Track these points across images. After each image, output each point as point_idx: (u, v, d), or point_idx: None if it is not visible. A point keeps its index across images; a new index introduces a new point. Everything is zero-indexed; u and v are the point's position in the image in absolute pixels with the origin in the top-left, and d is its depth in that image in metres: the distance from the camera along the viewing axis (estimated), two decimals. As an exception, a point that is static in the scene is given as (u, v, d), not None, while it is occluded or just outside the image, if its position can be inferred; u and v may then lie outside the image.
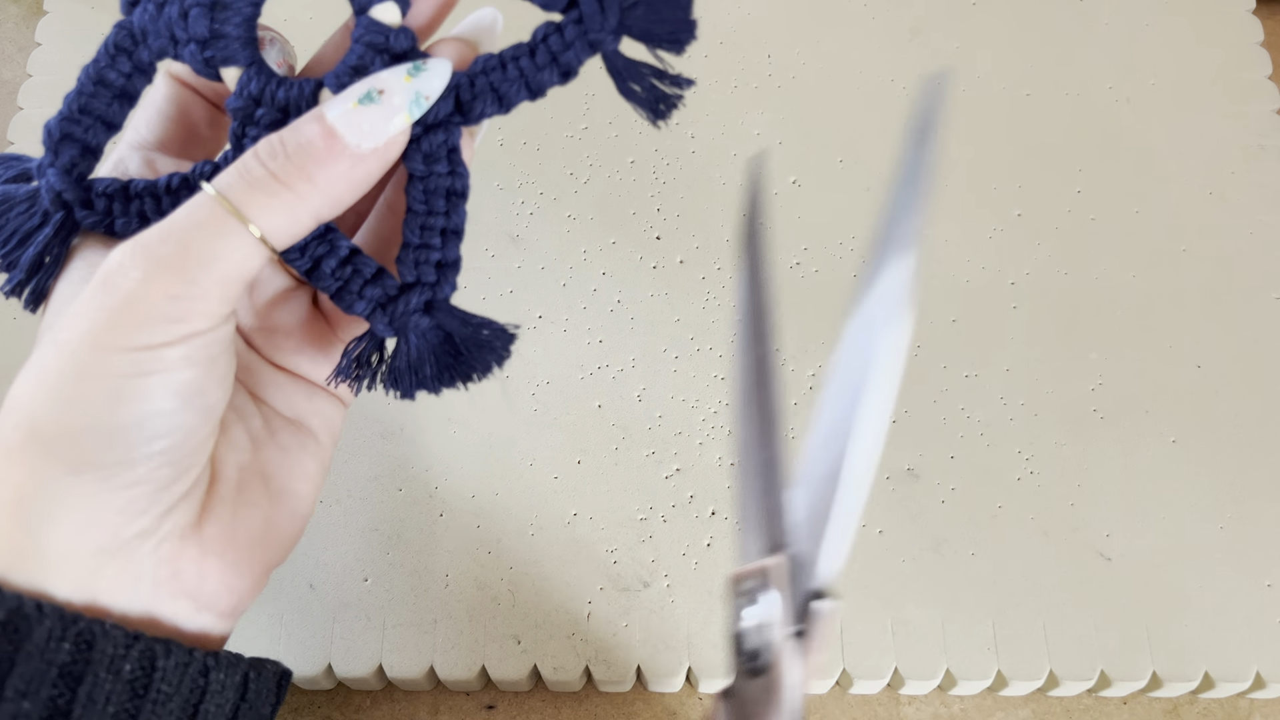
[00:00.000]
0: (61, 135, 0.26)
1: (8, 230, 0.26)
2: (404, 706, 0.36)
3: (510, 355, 0.26)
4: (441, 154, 0.25)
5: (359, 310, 0.25)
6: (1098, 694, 0.36)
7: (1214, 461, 0.38)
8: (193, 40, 0.25)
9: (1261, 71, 0.46)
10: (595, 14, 0.24)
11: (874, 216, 0.43)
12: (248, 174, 0.23)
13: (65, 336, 0.22)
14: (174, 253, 0.22)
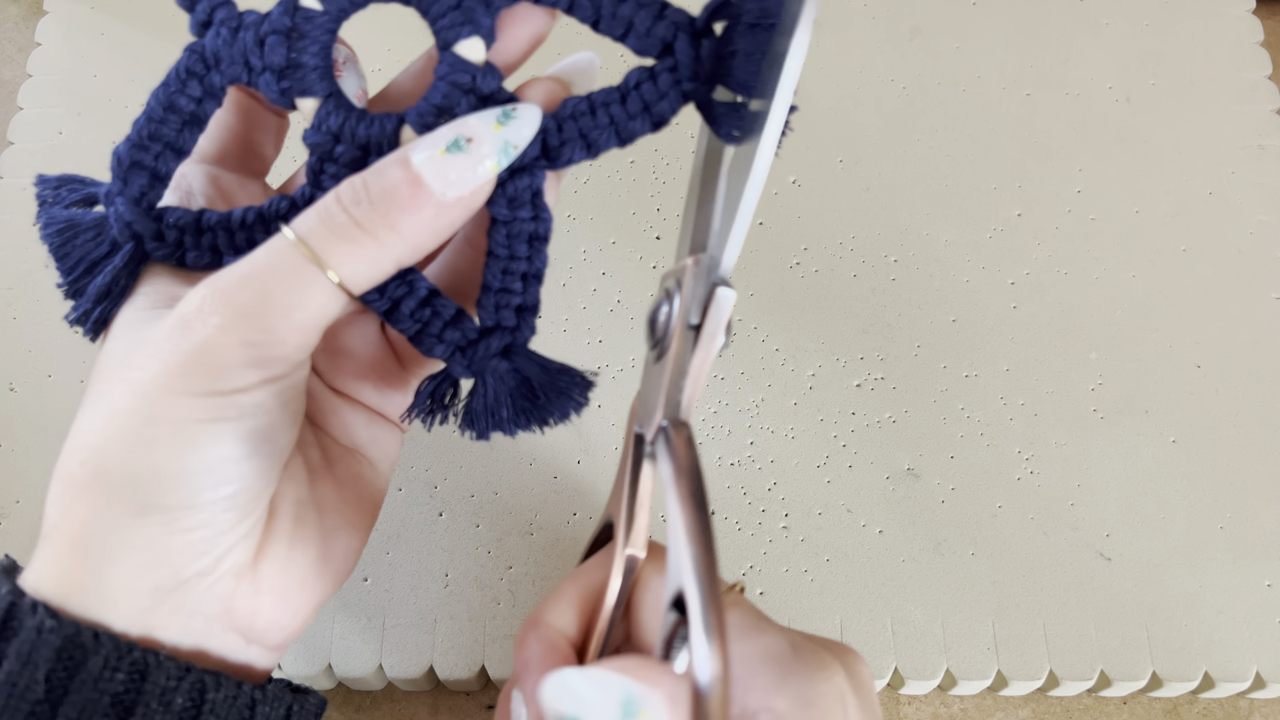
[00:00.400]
0: (131, 163, 0.25)
1: (74, 258, 0.26)
2: (404, 706, 0.36)
3: (588, 402, 0.25)
4: (526, 198, 0.24)
5: (438, 354, 0.24)
6: (1098, 694, 0.36)
7: (1214, 461, 0.38)
8: (268, 69, 0.24)
9: (1261, 71, 0.46)
10: (690, 62, 0.23)
11: (873, 213, 0.43)
12: (330, 219, 0.22)
13: (138, 376, 0.22)
14: (253, 300, 0.22)
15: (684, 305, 0.23)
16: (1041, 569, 0.36)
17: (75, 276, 0.25)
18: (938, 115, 0.45)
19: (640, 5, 0.24)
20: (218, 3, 0.25)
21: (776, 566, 0.36)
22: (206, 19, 0.25)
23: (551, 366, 0.25)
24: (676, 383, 0.23)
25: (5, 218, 0.43)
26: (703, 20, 0.23)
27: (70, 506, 0.22)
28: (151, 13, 0.48)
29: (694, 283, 0.23)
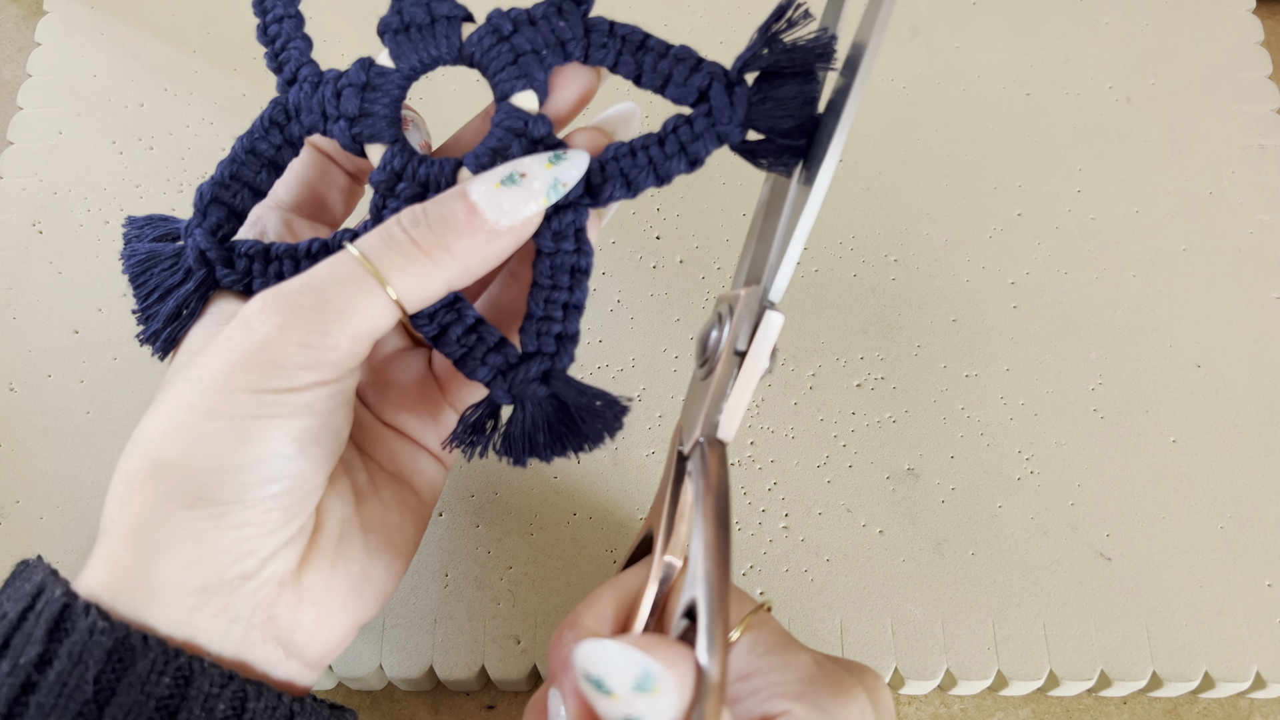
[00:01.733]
0: (212, 198, 0.28)
1: (151, 285, 0.28)
2: (404, 706, 0.36)
3: (623, 427, 0.27)
4: (570, 233, 0.26)
5: (480, 376, 0.26)
6: (1098, 694, 0.36)
7: (1214, 461, 0.38)
8: (343, 117, 0.27)
9: (1261, 71, 0.46)
10: (725, 108, 0.26)
11: (873, 213, 0.43)
12: (390, 238, 0.24)
13: (199, 374, 0.23)
14: (312, 304, 0.23)
15: (733, 330, 0.25)
16: (1041, 569, 0.36)
17: (150, 302, 0.28)
18: (938, 115, 0.45)
19: (678, 59, 0.26)
20: (303, 62, 0.28)
21: (776, 566, 0.36)
22: (292, 77, 0.28)
23: (588, 391, 0.26)
24: (717, 403, 0.24)
25: (5, 218, 0.43)
26: (736, 71, 0.26)
27: (127, 500, 0.23)
28: (151, 13, 0.48)
29: (745, 310, 0.25)
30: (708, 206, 0.43)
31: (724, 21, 0.48)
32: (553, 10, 0.27)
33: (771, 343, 0.24)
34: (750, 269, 0.26)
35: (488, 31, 0.27)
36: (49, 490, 0.37)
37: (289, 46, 0.28)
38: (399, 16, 0.27)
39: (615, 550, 0.36)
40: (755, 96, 0.26)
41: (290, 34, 0.28)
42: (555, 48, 0.27)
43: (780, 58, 0.25)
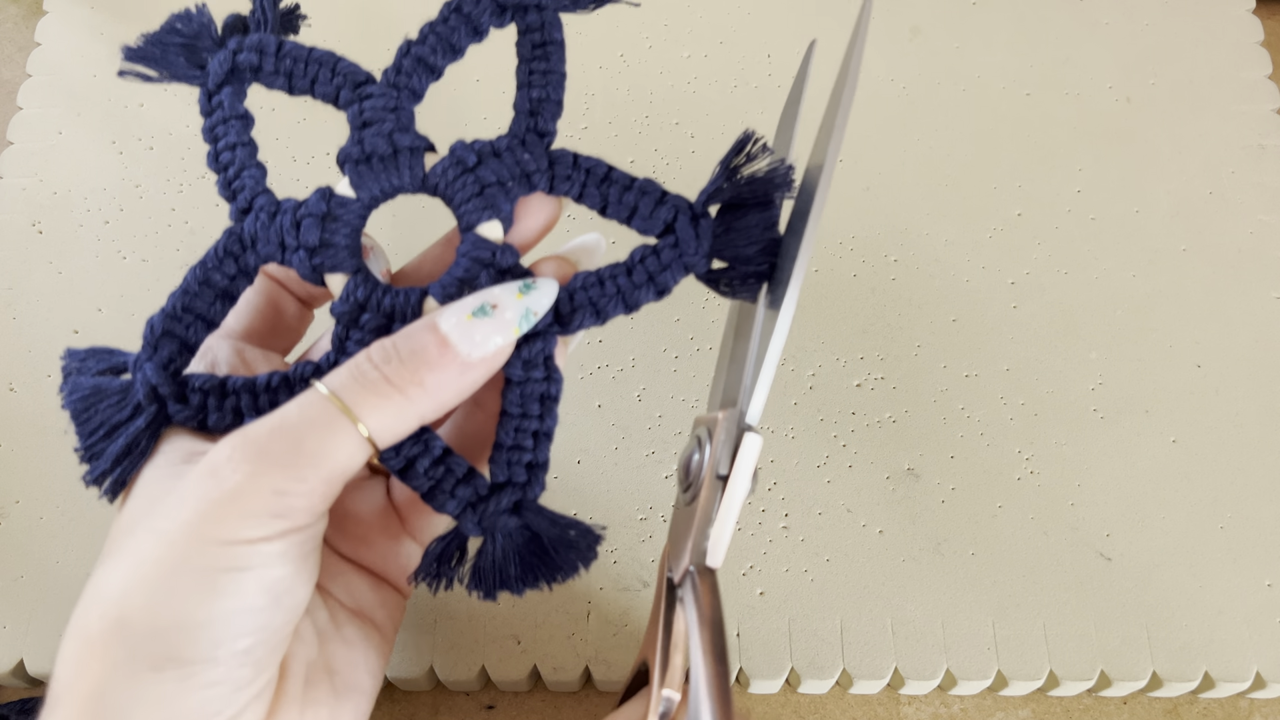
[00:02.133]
0: (163, 331, 0.27)
1: (95, 422, 0.26)
2: (404, 706, 0.36)
3: (597, 556, 0.26)
4: (539, 361, 0.26)
5: (450, 509, 0.25)
6: (1098, 694, 0.36)
7: (1214, 461, 0.38)
8: (303, 248, 0.26)
9: (1261, 71, 0.46)
10: (690, 241, 0.26)
11: (873, 213, 0.43)
12: (361, 375, 0.24)
13: (164, 526, 0.22)
14: (285, 449, 0.23)
15: (714, 455, 0.25)
16: (1041, 569, 0.36)
17: (94, 440, 0.26)
18: (938, 115, 0.45)
19: (643, 192, 0.26)
20: (259, 191, 0.27)
21: (776, 566, 0.36)
22: (247, 206, 0.27)
23: (561, 521, 0.26)
24: (703, 530, 0.24)
25: (5, 218, 0.43)
26: (700, 203, 0.26)
27: (84, 664, 0.22)
28: (151, 13, 0.48)
29: (724, 434, 0.25)
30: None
31: (724, 22, 0.48)
32: (516, 143, 0.27)
33: (753, 465, 0.25)
34: (725, 391, 0.26)
35: (452, 163, 0.27)
36: (49, 490, 0.37)
37: (243, 175, 0.28)
38: (360, 147, 0.27)
39: (615, 550, 0.36)
40: (719, 228, 0.26)
41: (244, 162, 0.28)
42: (520, 179, 0.27)
43: (741, 190, 0.25)
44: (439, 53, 0.28)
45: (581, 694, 0.36)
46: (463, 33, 0.28)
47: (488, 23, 0.28)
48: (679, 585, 0.25)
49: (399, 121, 0.27)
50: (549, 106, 0.27)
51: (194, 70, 0.29)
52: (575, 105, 0.45)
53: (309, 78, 0.28)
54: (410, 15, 0.48)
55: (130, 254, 0.42)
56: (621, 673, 0.35)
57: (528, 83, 0.27)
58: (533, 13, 0.27)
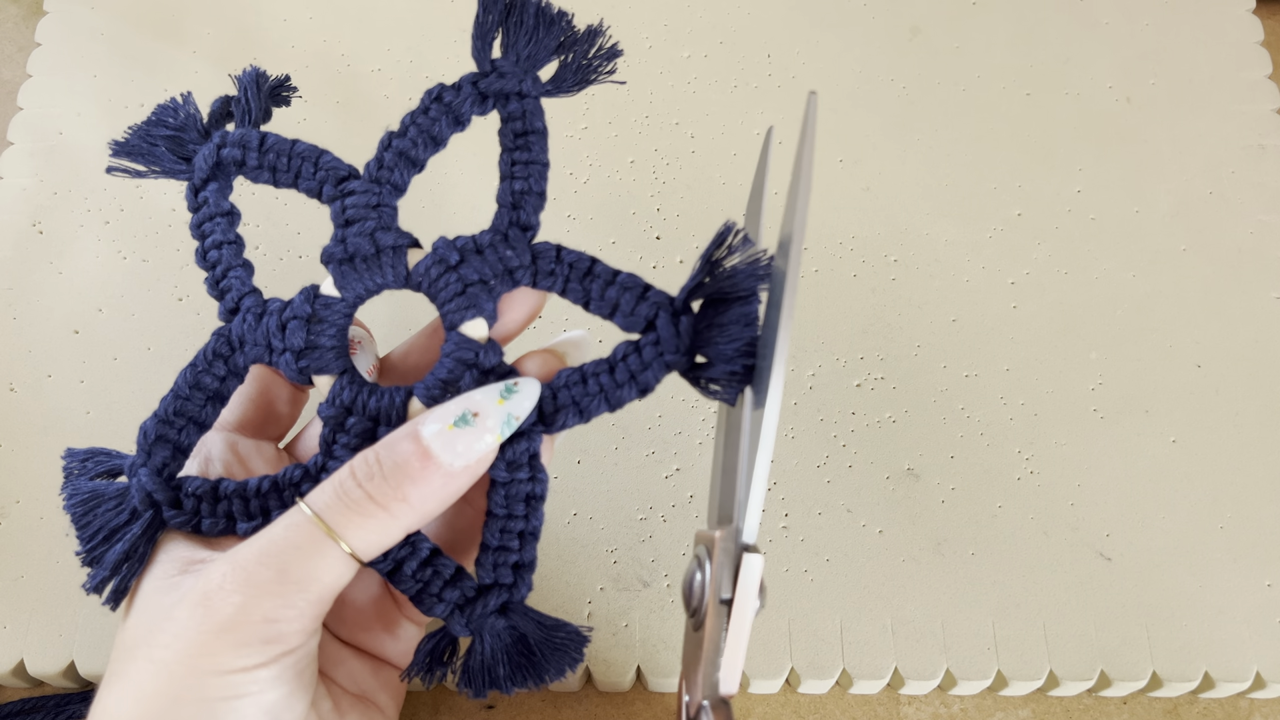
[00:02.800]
0: (157, 437, 0.27)
1: (95, 526, 0.27)
2: (404, 706, 0.36)
3: (583, 658, 0.27)
4: (524, 461, 0.26)
5: (438, 613, 0.26)
6: (1098, 694, 0.36)
7: (1214, 461, 0.38)
8: (288, 350, 0.27)
9: (1261, 71, 0.46)
10: (671, 338, 0.25)
11: (873, 213, 0.43)
12: (345, 495, 0.24)
13: (162, 656, 0.23)
14: (273, 576, 0.23)
15: (714, 580, 0.24)
16: (1041, 569, 0.36)
17: (94, 544, 0.27)
18: (938, 115, 0.45)
19: (625, 289, 0.26)
20: (245, 291, 0.28)
21: (776, 566, 0.36)
22: (235, 306, 0.28)
23: (547, 623, 0.26)
24: (713, 660, 0.24)
25: (5, 218, 0.43)
26: (681, 300, 0.26)
27: None
28: (151, 13, 0.48)
29: (723, 555, 0.24)
30: (708, 206, 0.43)
31: (724, 22, 0.48)
32: (499, 239, 0.27)
33: (756, 585, 0.24)
34: (721, 507, 0.26)
35: (434, 262, 0.27)
36: (49, 490, 0.37)
37: (229, 275, 0.28)
38: (343, 246, 0.27)
39: (615, 550, 0.36)
40: (700, 323, 0.26)
41: (230, 261, 0.28)
42: (503, 276, 0.26)
43: (722, 284, 0.25)
44: (420, 145, 0.28)
45: (581, 694, 0.36)
46: (444, 123, 0.28)
47: (469, 112, 0.28)
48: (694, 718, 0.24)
49: (381, 220, 0.27)
50: (531, 199, 0.27)
51: (180, 164, 0.29)
52: (575, 105, 0.45)
53: (292, 172, 0.28)
54: (407, 15, 0.48)
55: (130, 254, 0.42)
56: (622, 672, 0.35)
57: (510, 174, 0.27)
58: (514, 101, 0.27)
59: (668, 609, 0.35)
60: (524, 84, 0.27)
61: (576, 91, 0.28)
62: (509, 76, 0.27)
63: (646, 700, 0.36)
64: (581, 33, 0.28)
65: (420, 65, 0.46)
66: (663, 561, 0.36)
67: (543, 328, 0.40)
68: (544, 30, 0.27)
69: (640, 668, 0.35)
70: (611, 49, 0.28)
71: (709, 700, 0.24)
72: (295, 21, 0.47)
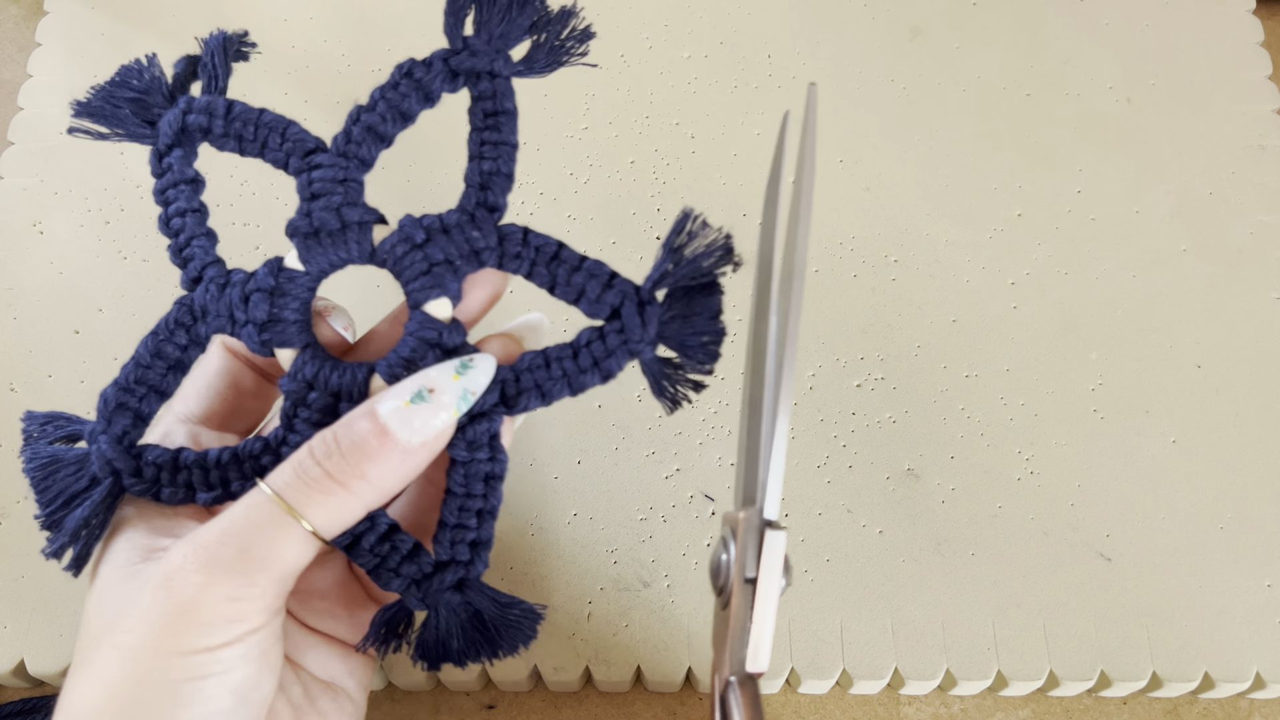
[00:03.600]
0: (117, 404, 0.27)
1: (54, 490, 0.27)
2: (404, 706, 0.36)
3: (537, 635, 0.27)
4: (484, 441, 0.26)
5: (394, 586, 0.26)
6: (1098, 694, 0.36)
7: (1214, 461, 0.38)
8: (251, 323, 0.26)
9: (1261, 71, 0.46)
10: (636, 326, 0.25)
11: (873, 213, 0.43)
12: (304, 474, 0.24)
13: (126, 641, 0.23)
14: (234, 555, 0.23)
15: (739, 559, 0.24)
16: (1041, 569, 0.36)
17: (53, 509, 0.27)
18: (938, 115, 0.45)
19: (591, 275, 0.26)
20: (209, 261, 0.27)
21: (776, 566, 0.36)
22: (198, 275, 0.27)
23: (502, 600, 0.26)
24: (740, 638, 0.24)
25: (5, 218, 0.43)
26: (647, 289, 0.26)
27: None
28: (151, 13, 0.48)
29: (746, 534, 0.24)
30: (707, 207, 0.43)
31: (724, 22, 0.48)
32: (466, 218, 0.26)
33: (780, 562, 0.24)
34: (745, 489, 0.26)
35: (400, 239, 0.26)
36: (49, 490, 0.37)
37: (192, 243, 0.28)
38: (308, 220, 0.27)
39: (615, 550, 0.36)
40: (666, 314, 0.25)
41: (193, 230, 0.28)
42: (469, 257, 0.26)
43: (686, 269, 0.25)
44: (389, 120, 0.27)
45: (581, 694, 0.36)
46: (414, 99, 0.27)
47: (439, 88, 0.27)
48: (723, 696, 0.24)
49: (347, 195, 0.27)
50: (499, 180, 0.27)
51: (144, 128, 0.29)
52: (575, 105, 0.45)
53: (259, 142, 0.28)
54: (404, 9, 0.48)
55: (130, 254, 0.42)
56: (622, 672, 0.35)
57: (479, 154, 0.27)
58: (485, 80, 0.27)
59: (668, 609, 0.35)
60: (495, 63, 0.27)
61: (548, 72, 0.28)
62: (480, 55, 0.27)
63: (646, 700, 0.36)
64: (555, 13, 0.27)
65: (420, 65, 0.46)
66: (663, 561, 0.36)
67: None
68: (517, 9, 0.27)
69: (640, 668, 0.35)
70: (584, 30, 0.28)
71: (736, 677, 0.24)
72: (295, 21, 0.47)
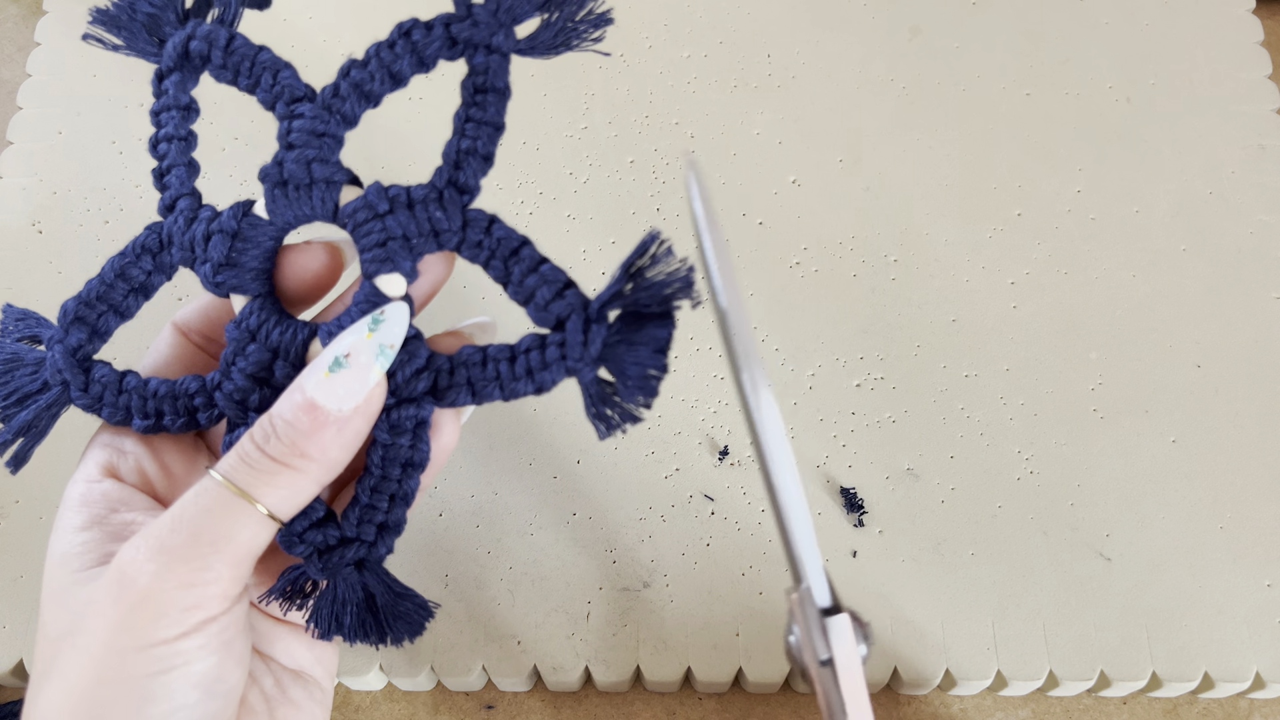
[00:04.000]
0: (75, 317, 0.27)
1: (10, 387, 0.27)
2: (404, 706, 0.36)
3: (424, 630, 0.27)
4: (408, 427, 0.25)
5: (297, 551, 0.25)
6: (1098, 694, 0.36)
7: (1214, 461, 0.38)
8: (209, 261, 0.26)
9: (1261, 71, 0.46)
10: (578, 343, 0.24)
11: (873, 213, 0.43)
12: (248, 459, 0.24)
13: (85, 641, 0.23)
14: (185, 540, 0.23)
15: (807, 644, 0.24)
16: (1041, 569, 0.36)
17: (7, 405, 0.27)
18: (938, 115, 0.45)
19: (545, 280, 0.25)
20: (183, 192, 0.27)
21: (777, 566, 0.36)
22: (171, 204, 0.27)
23: (397, 588, 0.26)
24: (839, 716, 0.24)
25: (5, 218, 0.43)
26: (596, 307, 0.24)
27: None
28: (151, 13, 0.48)
29: (805, 622, 0.24)
30: (708, 206, 0.43)
31: (724, 22, 0.48)
32: (434, 195, 0.26)
33: (852, 645, 0.24)
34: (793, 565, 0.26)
35: (363, 205, 0.26)
36: (49, 490, 0.37)
37: (172, 171, 0.27)
38: (279, 169, 0.26)
39: (615, 550, 0.36)
40: (611, 337, 0.24)
41: (175, 158, 0.28)
42: (429, 236, 0.26)
43: (641, 295, 0.24)
44: (379, 80, 0.26)
45: (581, 694, 0.36)
46: (407, 62, 0.26)
47: (435, 54, 0.26)
48: None
49: (322, 151, 0.26)
50: (475, 161, 0.26)
51: (152, 46, 0.29)
52: (575, 105, 0.45)
53: (253, 79, 0.27)
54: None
55: (130, 254, 0.42)
56: (622, 672, 0.35)
57: (460, 130, 0.26)
58: (483, 53, 0.26)
59: (668, 609, 0.35)
60: (496, 37, 0.26)
61: (552, 55, 0.27)
62: (483, 25, 0.26)
63: (646, 700, 0.36)
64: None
65: (420, 65, 0.46)
66: (663, 561, 0.36)
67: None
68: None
69: (640, 668, 0.35)
70: (602, 15, 0.26)
71: None
72: (295, 21, 0.47)
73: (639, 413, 0.24)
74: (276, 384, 0.26)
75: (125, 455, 0.27)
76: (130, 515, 0.26)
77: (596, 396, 0.25)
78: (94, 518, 0.25)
